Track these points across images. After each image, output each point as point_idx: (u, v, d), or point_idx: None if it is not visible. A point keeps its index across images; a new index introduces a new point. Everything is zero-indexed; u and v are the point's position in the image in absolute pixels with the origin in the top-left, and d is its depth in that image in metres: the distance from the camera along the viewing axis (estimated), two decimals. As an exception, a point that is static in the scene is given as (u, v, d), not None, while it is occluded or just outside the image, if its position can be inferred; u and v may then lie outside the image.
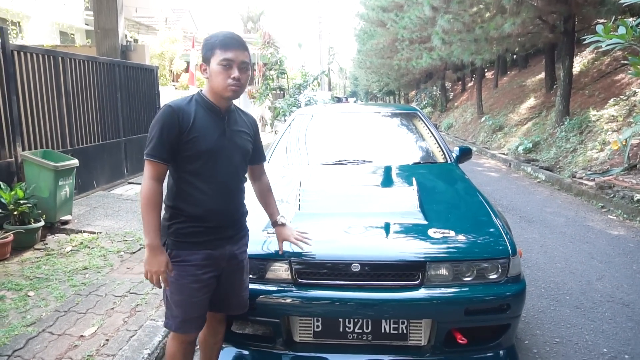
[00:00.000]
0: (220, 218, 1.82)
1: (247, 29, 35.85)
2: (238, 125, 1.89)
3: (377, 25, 20.05)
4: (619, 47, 5.21)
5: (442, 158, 3.45)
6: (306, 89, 12.08)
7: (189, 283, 1.76)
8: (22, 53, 4.67)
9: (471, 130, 14.38)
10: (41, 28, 12.73)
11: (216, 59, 1.74)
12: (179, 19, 20.83)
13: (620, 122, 7.33)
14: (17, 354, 2.34)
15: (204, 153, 1.75)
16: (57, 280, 3.26)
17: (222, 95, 1.77)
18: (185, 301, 1.79)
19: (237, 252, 1.90)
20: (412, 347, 2.09)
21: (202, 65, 1.79)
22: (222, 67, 1.73)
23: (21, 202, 3.88)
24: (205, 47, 1.77)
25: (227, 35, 1.78)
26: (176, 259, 1.75)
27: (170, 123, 1.70)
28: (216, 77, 1.75)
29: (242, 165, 1.91)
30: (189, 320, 1.82)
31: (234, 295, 1.94)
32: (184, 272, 1.76)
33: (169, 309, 1.83)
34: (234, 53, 1.74)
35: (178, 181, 1.78)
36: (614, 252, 4.10)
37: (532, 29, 9.35)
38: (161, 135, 1.69)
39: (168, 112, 1.72)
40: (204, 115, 1.78)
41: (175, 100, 1.79)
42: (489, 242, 2.16)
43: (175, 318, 1.81)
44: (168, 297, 1.81)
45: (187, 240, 1.77)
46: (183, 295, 1.78)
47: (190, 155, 1.74)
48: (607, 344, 2.61)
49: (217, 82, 1.75)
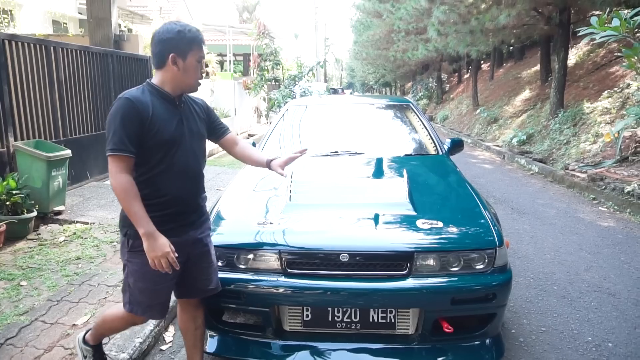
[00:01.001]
0: (183, 204, 1.85)
1: (242, 19, 35.54)
2: (191, 112, 1.92)
3: (373, 16, 19.94)
4: (613, 39, 5.23)
5: (434, 150, 3.47)
6: (301, 80, 12.04)
7: (153, 271, 1.76)
8: (14, 42, 4.63)
9: (466, 122, 14.41)
10: (34, 17, 12.58)
11: (195, 55, 1.78)
12: (174, 8, 20.63)
13: (613, 114, 7.37)
14: (9, 342, 2.36)
15: (166, 143, 1.77)
16: (49, 270, 3.28)
17: (190, 89, 1.83)
18: (150, 289, 1.82)
19: (201, 237, 1.93)
20: (399, 336, 2.12)
21: (173, 56, 1.75)
22: (198, 64, 1.79)
23: (14, 193, 3.88)
24: (182, 40, 1.76)
25: (199, 31, 1.82)
26: (140, 247, 1.74)
27: (130, 115, 1.70)
28: (192, 73, 1.79)
29: (200, 151, 1.94)
30: (153, 306, 1.87)
31: (203, 279, 1.98)
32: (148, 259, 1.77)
33: (132, 295, 1.85)
34: (204, 50, 1.83)
35: (140, 171, 1.77)
36: (603, 243, 4.16)
37: (527, 20, 9.34)
38: (124, 128, 1.68)
39: (127, 104, 1.70)
40: (160, 105, 1.79)
41: (129, 91, 1.77)
42: (476, 233, 2.19)
43: (140, 304, 1.85)
44: (131, 285, 1.83)
45: None
46: (147, 283, 1.81)
47: (152, 145, 1.75)
48: (592, 332, 2.67)
49: (191, 77, 1.80)
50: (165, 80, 1.80)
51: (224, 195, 2.69)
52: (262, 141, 3.66)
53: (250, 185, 2.87)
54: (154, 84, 1.81)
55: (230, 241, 2.20)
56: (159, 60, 1.78)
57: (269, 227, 2.20)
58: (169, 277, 1.83)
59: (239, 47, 19.20)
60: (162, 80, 1.81)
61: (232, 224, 2.38)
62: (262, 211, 2.40)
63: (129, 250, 1.82)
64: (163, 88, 1.81)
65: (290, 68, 14.34)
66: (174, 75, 1.79)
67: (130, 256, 1.82)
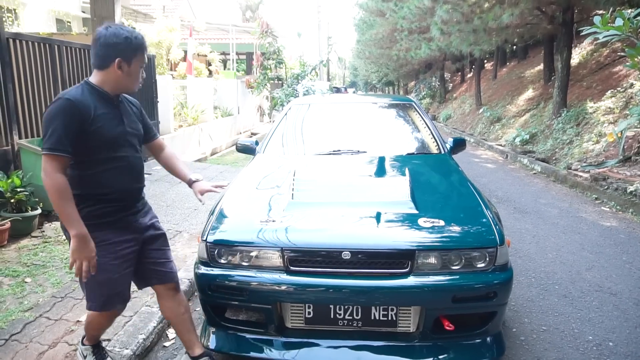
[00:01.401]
0: (129, 196, 1.95)
1: (245, 17, 35.55)
2: (129, 111, 2.01)
3: (377, 15, 19.90)
4: (617, 39, 5.22)
5: (436, 149, 3.47)
6: (304, 79, 12.04)
7: (110, 261, 1.86)
8: (18, 41, 4.65)
9: (469, 121, 14.39)
10: (37, 15, 12.62)
11: (139, 61, 1.90)
12: (177, 6, 20.64)
13: (616, 114, 7.35)
14: (14, 338, 2.39)
15: (109, 141, 1.85)
16: (54, 267, 3.30)
17: (130, 91, 1.95)
18: (109, 279, 1.89)
19: (152, 222, 2.07)
20: (401, 334, 2.14)
21: (119, 61, 1.83)
22: (141, 69, 1.93)
23: (18, 190, 3.91)
24: (129, 47, 1.85)
25: (144, 38, 1.93)
26: (94, 240, 1.80)
27: (71, 116, 1.74)
28: (135, 77, 1.92)
29: (139, 146, 2.05)
30: (114, 296, 1.94)
31: (161, 264, 2.09)
32: (104, 251, 1.85)
33: (92, 291, 1.92)
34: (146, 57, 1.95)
35: (84, 169, 1.84)
36: (605, 242, 4.15)
37: (530, 19, 9.31)
38: (64, 129, 1.72)
39: (67, 105, 1.75)
40: (101, 105, 1.85)
41: (69, 92, 1.81)
42: (478, 232, 2.20)
43: (100, 297, 1.91)
44: (88, 281, 1.85)
45: (101, 221, 1.86)
46: (107, 274, 1.87)
47: (96, 144, 1.82)
48: (593, 331, 2.67)
49: (134, 81, 1.92)
50: (106, 81, 1.87)
51: (226, 193, 2.70)
52: (264, 140, 3.67)
53: (253, 184, 2.88)
54: (94, 84, 1.87)
55: (233, 239, 2.21)
56: (102, 62, 1.84)
57: (272, 225, 2.22)
58: (125, 265, 1.93)
59: (242, 45, 19.21)
60: (102, 80, 1.87)
61: (234, 221, 2.40)
62: (265, 209, 2.41)
63: None
64: (102, 88, 1.87)
65: (293, 67, 14.35)
66: (117, 78, 1.87)
67: None
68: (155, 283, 2.11)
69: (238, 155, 8.93)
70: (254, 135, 12.69)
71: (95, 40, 1.85)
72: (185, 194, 5.67)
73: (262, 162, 3.30)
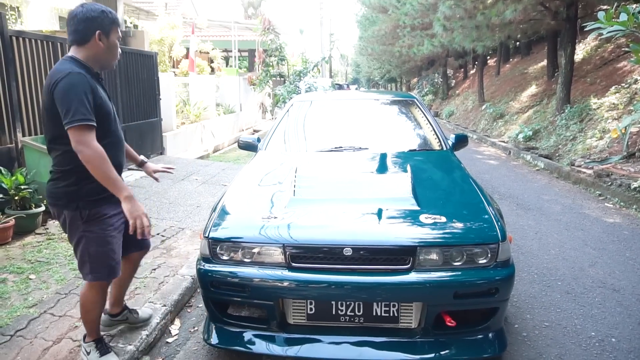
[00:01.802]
0: (119, 170, 2.03)
1: (247, 14, 35.50)
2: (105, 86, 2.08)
3: (379, 11, 19.82)
4: (621, 34, 5.18)
5: (438, 145, 3.47)
6: (306, 75, 12.01)
7: (111, 232, 1.99)
8: (21, 38, 4.67)
9: (472, 118, 14.34)
10: (40, 13, 12.65)
11: (115, 34, 1.97)
12: (179, 4, 20.61)
13: (620, 110, 7.31)
14: (19, 334, 2.41)
15: (107, 114, 1.95)
16: (57, 264, 3.32)
17: (109, 67, 2.03)
18: (112, 249, 2.01)
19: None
20: (402, 330, 2.14)
21: (99, 33, 1.90)
22: (118, 42, 2.00)
23: (22, 188, 3.93)
24: (106, 20, 1.92)
25: (114, 12, 2.00)
26: (95, 216, 1.94)
27: (88, 87, 1.83)
28: (114, 50, 1.98)
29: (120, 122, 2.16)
30: (115, 264, 2.05)
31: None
32: (105, 224, 1.97)
33: (98, 263, 1.99)
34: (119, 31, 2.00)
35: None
36: (608, 239, 4.14)
37: (534, 15, 9.25)
38: (87, 99, 1.81)
39: (82, 78, 1.82)
40: (93, 80, 1.93)
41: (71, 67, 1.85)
42: (479, 228, 2.20)
43: (106, 267, 2.01)
44: (92, 253, 1.96)
45: (100, 197, 1.94)
46: (109, 245, 1.99)
47: (100, 117, 1.88)
48: (596, 327, 2.67)
49: (113, 54, 1.99)
50: (89, 57, 1.93)
51: (228, 190, 2.71)
52: (267, 136, 3.68)
53: (255, 180, 2.89)
54: (81, 59, 1.92)
55: (235, 235, 2.22)
56: (82, 36, 1.90)
57: (274, 222, 2.22)
58: (120, 235, 2.07)
59: (244, 42, 19.18)
60: (85, 56, 1.92)
61: (237, 218, 2.41)
62: (267, 206, 2.42)
63: (85, 222, 1.94)
64: (88, 64, 1.94)
65: (295, 64, 14.31)
66: (97, 52, 1.93)
67: (88, 226, 1.95)
68: (134, 251, 2.26)
69: (240, 153, 8.94)
70: (256, 132, 12.70)
71: (73, 17, 1.89)
72: (188, 191, 5.69)
73: (264, 159, 3.30)
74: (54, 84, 1.81)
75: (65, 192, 1.92)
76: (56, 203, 1.96)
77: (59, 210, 1.96)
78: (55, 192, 1.94)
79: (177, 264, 3.41)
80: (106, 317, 2.38)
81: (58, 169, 1.95)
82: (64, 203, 1.94)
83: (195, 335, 2.62)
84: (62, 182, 1.93)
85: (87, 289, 2.09)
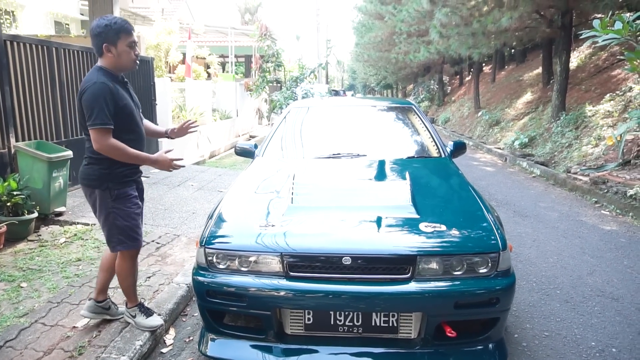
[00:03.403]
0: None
1: (244, 20, 35.59)
2: (131, 89, 2.44)
3: (375, 18, 19.93)
4: (616, 42, 5.22)
5: (436, 152, 3.45)
6: (303, 81, 12.02)
7: (135, 209, 2.38)
8: (16, 43, 4.63)
9: (468, 124, 14.39)
10: (36, 18, 12.59)
11: (124, 42, 2.24)
12: (176, 9, 20.64)
13: (615, 117, 7.35)
14: (9, 345, 2.35)
15: (130, 114, 2.31)
16: (50, 272, 3.26)
17: (128, 69, 2.33)
18: (136, 224, 2.38)
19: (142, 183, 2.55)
20: (402, 340, 2.11)
21: (106, 46, 2.22)
22: (129, 48, 2.27)
23: (14, 194, 3.87)
24: (110, 33, 2.21)
25: (125, 21, 2.26)
26: (122, 195, 2.32)
27: (109, 95, 2.18)
28: (126, 56, 2.28)
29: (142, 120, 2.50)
30: (140, 236, 2.43)
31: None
32: (130, 202, 2.35)
33: (124, 235, 2.34)
34: (134, 36, 2.29)
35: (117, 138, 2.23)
36: (606, 247, 4.13)
37: (529, 23, 9.32)
38: (107, 106, 2.16)
39: (106, 87, 2.18)
40: (117, 85, 2.27)
41: (97, 77, 2.20)
42: (480, 237, 2.17)
43: (135, 238, 2.38)
44: (121, 226, 2.32)
45: (126, 179, 2.34)
46: (134, 220, 2.37)
47: (124, 118, 2.27)
48: (596, 337, 2.65)
49: (127, 60, 2.29)
50: (109, 65, 2.27)
51: (225, 197, 2.67)
52: (264, 143, 3.65)
53: (252, 188, 2.85)
54: (105, 68, 2.27)
55: (232, 244, 2.18)
56: (97, 50, 2.25)
57: (271, 230, 2.19)
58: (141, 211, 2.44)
59: (240, 48, 19.21)
60: (106, 65, 2.27)
61: (233, 226, 2.37)
62: (264, 214, 2.38)
63: (114, 200, 2.30)
64: (112, 71, 2.28)
65: (292, 69, 14.33)
66: (111, 61, 2.27)
67: (116, 204, 2.31)
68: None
69: (236, 158, 8.90)
70: (253, 137, 12.66)
71: (89, 34, 2.26)
72: (184, 197, 5.64)
73: (261, 166, 3.27)
74: (82, 92, 2.20)
75: (99, 174, 2.27)
76: (90, 183, 2.31)
77: (92, 190, 2.31)
78: (90, 173, 2.30)
79: (172, 272, 3.36)
80: (91, 302, 2.56)
81: (92, 156, 2.29)
82: (97, 184, 2.29)
83: (190, 346, 2.57)
84: (97, 166, 2.28)
85: (120, 259, 2.42)
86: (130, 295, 2.52)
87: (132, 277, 2.50)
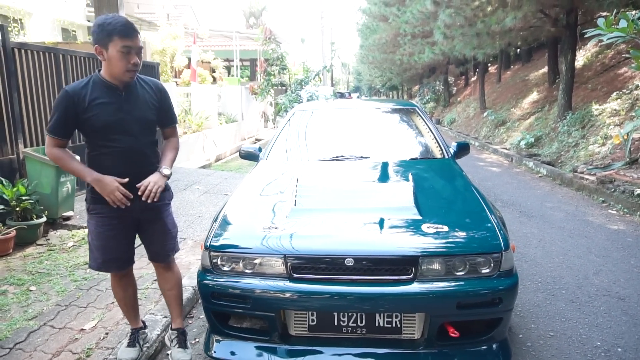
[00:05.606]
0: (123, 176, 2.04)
1: (249, 24, 35.78)
2: (138, 98, 2.09)
3: (380, 19, 19.94)
4: (621, 41, 5.19)
5: (440, 153, 3.46)
6: (308, 84, 12.05)
7: (105, 231, 2.10)
8: (23, 50, 4.70)
9: (474, 125, 14.34)
10: (43, 25, 12.76)
11: (115, 45, 1.90)
12: (181, 14, 20.80)
13: (622, 116, 7.29)
14: (18, 347, 2.39)
15: (101, 128, 2.00)
16: (58, 275, 3.31)
17: (121, 79, 2.00)
18: (104, 245, 2.12)
19: (152, 206, 2.13)
20: (405, 341, 2.11)
21: (97, 48, 1.93)
22: (121, 54, 1.91)
23: (23, 199, 3.93)
24: (102, 32, 1.90)
25: (124, 22, 1.93)
26: (94, 211, 2.11)
27: (66, 106, 1.97)
28: (116, 63, 1.93)
29: (143, 133, 2.12)
30: (108, 261, 2.16)
31: (156, 244, 2.27)
32: (100, 221, 2.10)
33: (92, 252, 2.16)
34: (133, 40, 1.93)
35: (89, 148, 2.10)
36: (613, 246, 4.11)
37: (534, 22, 9.28)
38: (60, 116, 1.98)
39: (67, 96, 1.97)
40: (101, 94, 2.00)
41: (73, 84, 2.03)
42: (482, 237, 2.18)
43: (96, 259, 2.16)
44: (90, 243, 2.15)
45: (99, 196, 2.04)
46: (101, 241, 2.12)
47: (90, 130, 2.02)
48: (601, 337, 2.63)
49: (117, 68, 1.95)
50: (103, 71, 2.02)
51: (230, 200, 2.70)
52: (268, 146, 3.67)
53: (257, 190, 2.88)
54: (100, 74, 2.03)
55: (236, 246, 2.21)
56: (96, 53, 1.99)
57: (275, 232, 2.21)
58: (120, 237, 2.14)
59: (245, 52, 19.31)
60: (104, 70, 2.02)
61: (238, 228, 2.39)
62: (268, 216, 2.40)
63: (88, 214, 2.15)
64: (105, 77, 2.02)
65: (296, 72, 14.37)
66: (105, 66, 1.98)
67: (89, 218, 2.14)
68: (150, 259, 2.35)
69: (242, 162, 8.94)
70: (258, 141, 12.72)
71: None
72: (190, 200, 5.69)
73: (265, 169, 3.29)
74: None
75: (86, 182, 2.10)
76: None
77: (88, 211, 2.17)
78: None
79: (178, 275, 3.39)
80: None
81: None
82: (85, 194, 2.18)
83: (196, 347, 2.59)
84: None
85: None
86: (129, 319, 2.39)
87: (118, 298, 2.33)
